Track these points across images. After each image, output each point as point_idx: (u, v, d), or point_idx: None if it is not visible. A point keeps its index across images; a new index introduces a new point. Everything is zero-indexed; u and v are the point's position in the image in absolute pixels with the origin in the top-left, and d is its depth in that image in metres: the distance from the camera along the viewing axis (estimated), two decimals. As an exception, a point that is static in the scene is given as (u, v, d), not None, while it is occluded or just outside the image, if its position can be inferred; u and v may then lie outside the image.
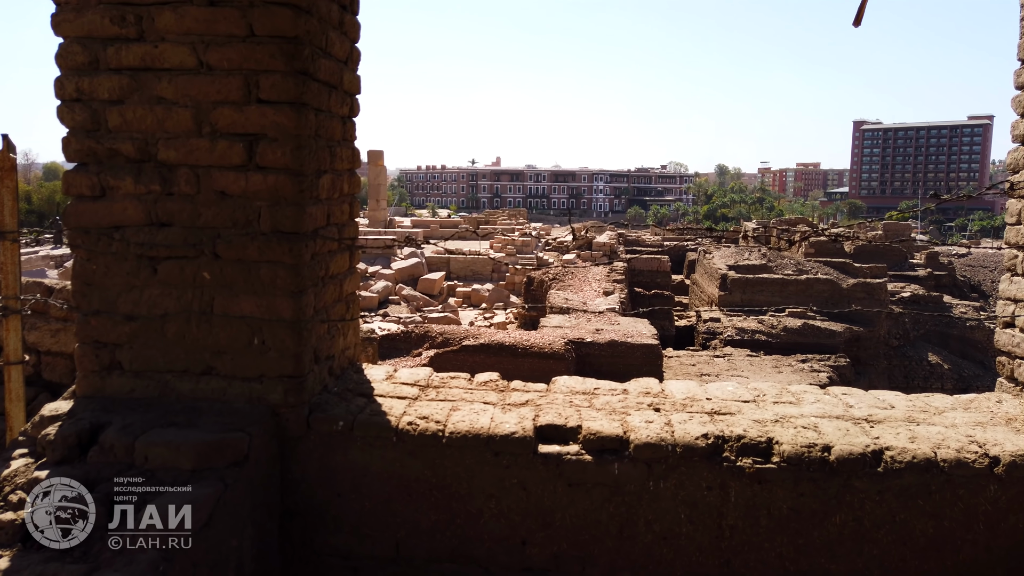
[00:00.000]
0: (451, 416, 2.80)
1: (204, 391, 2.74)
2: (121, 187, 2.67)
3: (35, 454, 2.55)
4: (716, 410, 2.88)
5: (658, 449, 2.59)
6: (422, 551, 2.73)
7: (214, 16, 2.57)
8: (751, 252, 21.97)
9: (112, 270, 2.70)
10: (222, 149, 2.63)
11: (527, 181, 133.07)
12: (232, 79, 2.60)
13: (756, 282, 18.84)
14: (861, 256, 24.47)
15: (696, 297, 21.79)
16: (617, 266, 18.44)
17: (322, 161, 2.87)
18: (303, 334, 2.74)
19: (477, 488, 2.68)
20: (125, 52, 2.61)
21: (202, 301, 2.70)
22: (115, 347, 2.74)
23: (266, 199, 2.65)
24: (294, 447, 2.75)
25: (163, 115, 2.63)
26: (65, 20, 2.63)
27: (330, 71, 2.90)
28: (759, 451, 2.62)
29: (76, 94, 2.65)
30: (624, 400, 2.99)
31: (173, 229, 2.68)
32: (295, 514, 2.76)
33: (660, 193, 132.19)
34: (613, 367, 9.86)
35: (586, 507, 2.64)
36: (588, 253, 23.15)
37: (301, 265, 2.71)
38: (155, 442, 2.45)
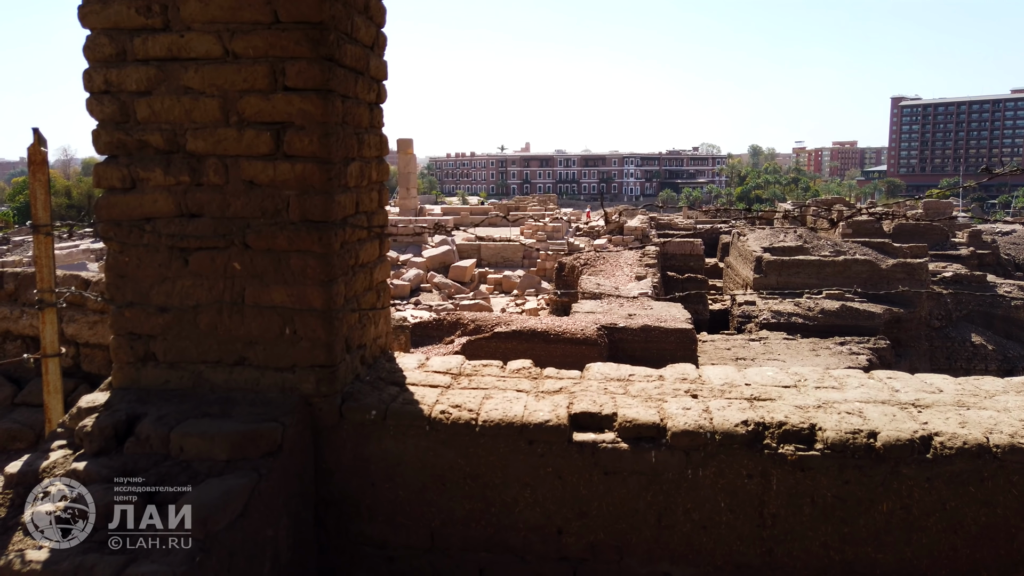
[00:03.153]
0: (484, 404, 2.77)
1: (237, 381, 2.74)
2: (151, 179, 2.67)
3: (73, 445, 2.57)
4: (756, 396, 2.80)
5: (696, 437, 2.53)
6: (457, 540, 2.70)
7: (239, 3, 2.54)
8: (786, 234, 21.57)
9: (144, 262, 2.71)
10: (250, 138, 2.61)
11: (556, 166, 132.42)
12: (258, 67, 2.58)
13: (792, 264, 18.50)
14: (901, 236, 23.89)
15: (730, 280, 21.49)
16: (649, 250, 18.27)
17: (350, 148, 2.84)
18: (334, 323, 2.72)
19: (511, 477, 2.65)
20: (151, 43, 2.60)
21: (233, 292, 2.70)
22: (149, 338, 2.75)
23: (294, 188, 2.63)
24: (327, 437, 2.74)
25: (190, 105, 2.62)
26: (92, 12, 2.62)
27: (356, 57, 2.86)
28: (801, 438, 2.54)
29: (104, 86, 2.65)
30: (660, 387, 2.92)
31: (203, 220, 2.67)
32: (330, 503, 2.76)
33: (692, 175, 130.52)
34: (646, 352, 9.76)
35: (623, 496, 2.59)
36: (620, 238, 22.95)
37: (331, 254, 2.68)
38: (190, 433, 2.45)
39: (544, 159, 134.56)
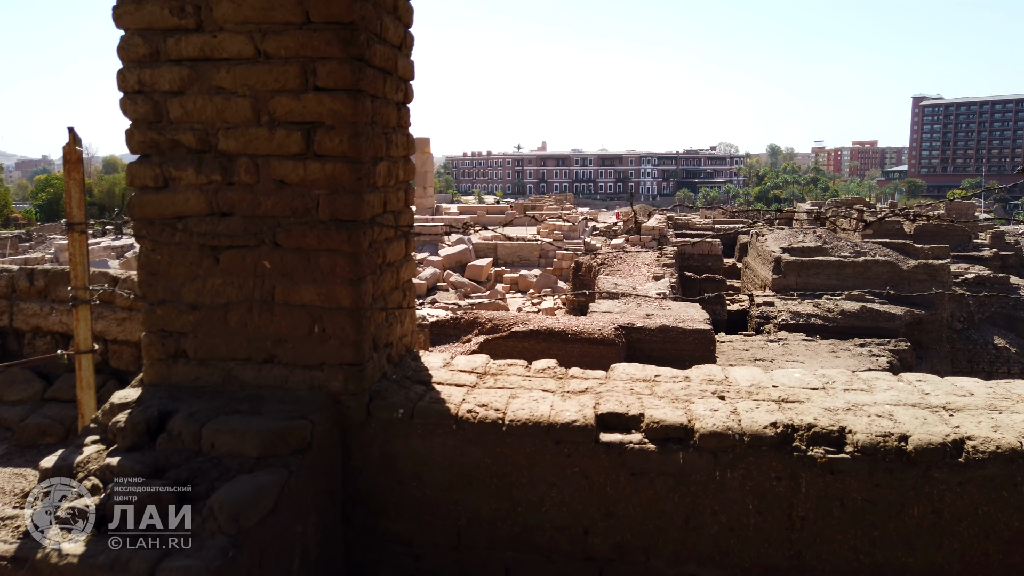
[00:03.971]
0: (510, 404, 2.77)
1: (266, 379, 2.77)
2: (183, 177, 2.70)
3: (106, 440, 2.61)
4: (784, 398, 2.79)
5: (725, 438, 2.52)
6: (483, 539, 2.71)
7: (271, 4, 2.56)
8: (806, 234, 21.41)
9: (176, 260, 2.74)
10: (280, 138, 2.64)
11: (573, 166, 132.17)
12: (289, 67, 2.60)
13: (811, 265, 18.36)
14: (922, 237, 23.64)
15: (749, 281, 21.35)
16: (667, 250, 18.20)
17: (378, 148, 2.85)
18: (362, 322, 2.74)
19: (538, 476, 2.65)
20: (184, 43, 2.63)
21: (263, 290, 2.72)
22: (180, 336, 2.78)
23: (324, 187, 2.65)
24: (355, 434, 2.75)
25: (222, 105, 2.64)
26: (126, 12, 2.65)
27: (385, 57, 2.88)
28: (831, 440, 2.52)
29: (138, 86, 2.68)
30: (687, 387, 2.91)
31: (234, 219, 2.70)
32: (357, 501, 2.78)
33: (710, 175, 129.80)
34: (664, 352, 9.72)
35: (650, 497, 2.59)
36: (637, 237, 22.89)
37: (359, 253, 2.70)
38: (221, 430, 2.48)
39: (561, 158, 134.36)
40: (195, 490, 2.32)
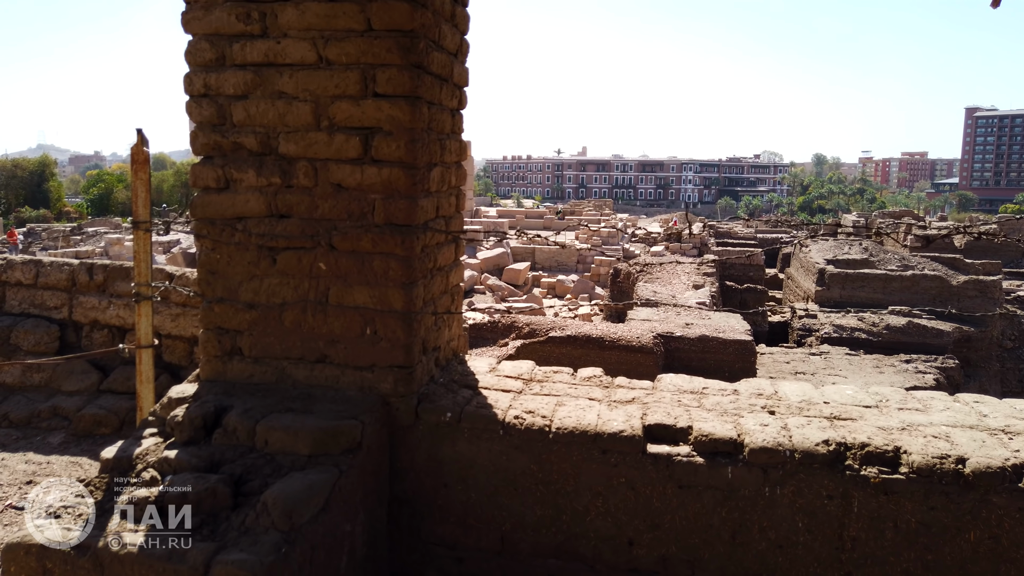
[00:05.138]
0: (557, 411, 2.78)
1: (318, 378, 2.82)
2: (244, 180, 2.76)
3: (164, 434, 2.68)
4: (836, 415, 2.74)
5: (775, 454, 2.49)
6: (527, 545, 2.72)
7: (334, 11, 2.62)
8: (851, 246, 20.98)
9: (235, 259, 2.80)
10: (339, 142, 2.68)
11: (613, 171, 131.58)
12: (350, 73, 2.65)
13: (857, 277, 17.97)
14: (973, 252, 22.98)
15: (791, 292, 21.01)
16: (707, 259, 18.00)
17: (433, 154, 2.89)
18: (413, 325, 2.77)
19: (584, 485, 2.65)
20: (250, 48, 2.70)
21: (318, 291, 2.78)
22: (236, 334, 2.85)
23: (380, 192, 2.69)
24: (403, 436, 2.79)
25: (284, 109, 2.70)
26: (194, 18, 2.73)
27: (442, 64, 2.91)
28: (885, 460, 2.47)
29: (204, 90, 2.76)
30: (735, 401, 2.88)
31: (292, 220, 2.75)
32: (403, 502, 2.81)
33: (752, 183, 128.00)
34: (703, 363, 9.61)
35: (696, 510, 2.57)
36: (677, 245, 22.69)
37: (412, 257, 2.73)
38: (275, 427, 2.53)
39: (601, 163, 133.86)
40: (249, 485, 2.37)
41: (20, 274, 5.57)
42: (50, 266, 5.53)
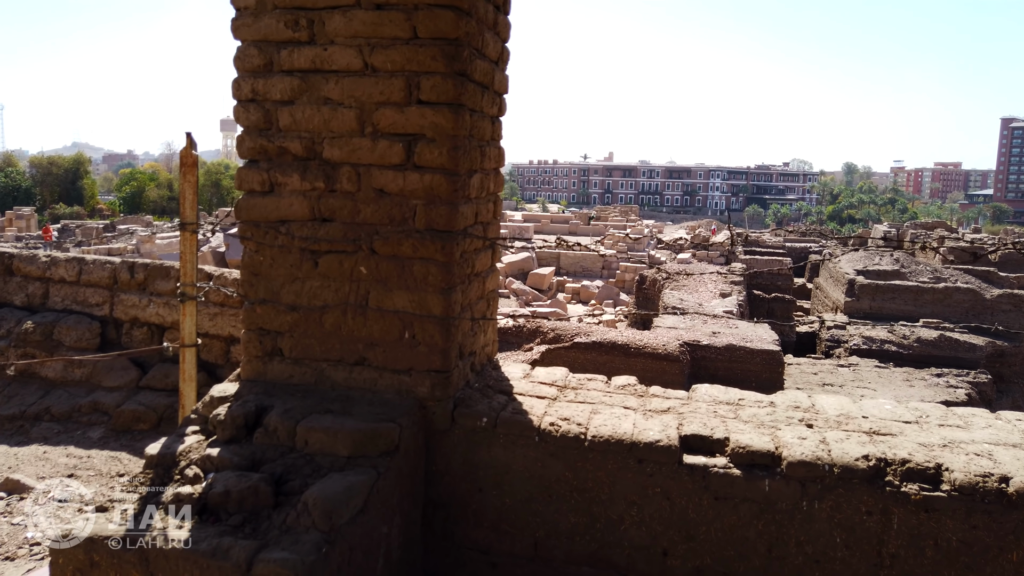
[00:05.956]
0: (592, 419, 2.78)
1: (356, 381, 2.85)
2: (288, 183, 2.81)
3: (206, 431, 2.73)
4: (875, 430, 2.72)
5: (814, 468, 2.47)
6: (560, 552, 2.73)
7: (380, 19, 2.65)
8: (882, 257, 20.69)
9: (278, 262, 2.85)
10: (382, 148, 2.72)
11: (640, 177, 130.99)
12: (394, 80, 2.68)
13: (887, 289, 17.73)
14: (1008, 264, 22.53)
15: (819, 302, 20.77)
16: (735, 267, 17.86)
17: (473, 161, 2.91)
18: (451, 330, 2.80)
19: (618, 494, 2.65)
20: (297, 55, 2.74)
21: (358, 294, 2.81)
22: (277, 335, 2.90)
23: (422, 198, 2.72)
24: (439, 440, 2.81)
25: (329, 115, 2.75)
26: (244, 24, 2.79)
27: (484, 72, 2.94)
28: (926, 477, 2.45)
29: (251, 95, 2.81)
30: (772, 413, 2.87)
31: (334, 225, 2.79)
32: (438, 506, 2.83)
33: (781, 191, 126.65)
34: (730, 372, 9.52)
35: (732, 522, 2.56)
36: (704, 253, 22.54)
37: (452, 263, 2.76)
38: (315, 428, 2.57)
39: (627, 169, 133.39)
40: (289, 485, 2.41)
41: (64, 271, 5.71)
42: (93, 264, 5.65)
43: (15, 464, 4.27)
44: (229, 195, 60.70)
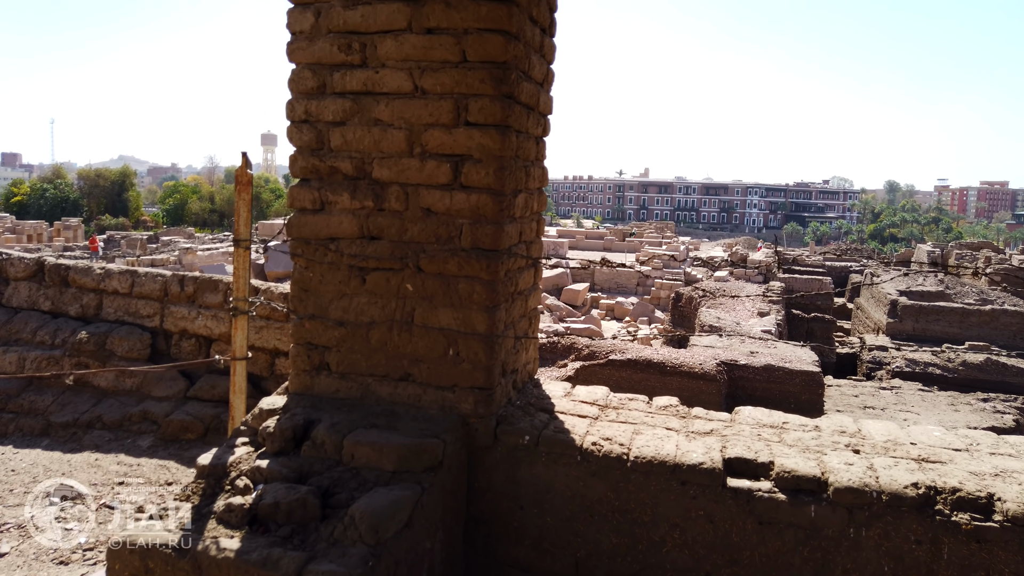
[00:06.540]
0: (635, 440, 2.78)
1: (401, 396, 2.90)
2: (339, 202, 2.88)
3: (255, 443, 2.80)
4: (924, 457, 2.67)
5: (861, 495, 2.44)
6: (601, 573, 2.72)
7: (431, 43, 2.72)
8: (926, 277, 20.25)
9: (327, 278, 2.92)
10: (430, 169, 2.78)
11: (676, 193, 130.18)
12: (443, 102, 2.74)
13: (931, 310, 17.33)
14: (1058, 287, 21.85)
15: (860, 323, 20.37)
16: (774, 286, 17.63)
17: (519, 181, 2.95)
18: (495, 347, 2.83)
19: (661, 516, 2.65)
20: (349, 77, 2.82)
21: (404, 311, 2.86)
22: (325, 349, 2.96)
23: (468, 217, 2.77)
24: (481, 457, 2.84)
25: (379, 136, 2.81)
26: (299, 48, 2.88)
27: (530, 94, 2.98)
28: (978, 507, 2.40)
29: (304, 116, 2.89)
30: (817, 438, 2.84)
31: (382, 243, 2.86)
32: (479, 522, 2.85)
33: (821, 209, 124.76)
34: (768, 393, 9.38)
35: (777, 548, 2.53)
36: (742, 271, 22.29)
37: (496, 281, 2.80)
38: (361, 442, 2.61)
39: (663, 185, 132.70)
40: (336, 498, 2.45)
41: (117, 283, 5.90)
42: (145, 277, 5.83)
43: (68, 470, 4.42)
44: (269, 208, 61.88)
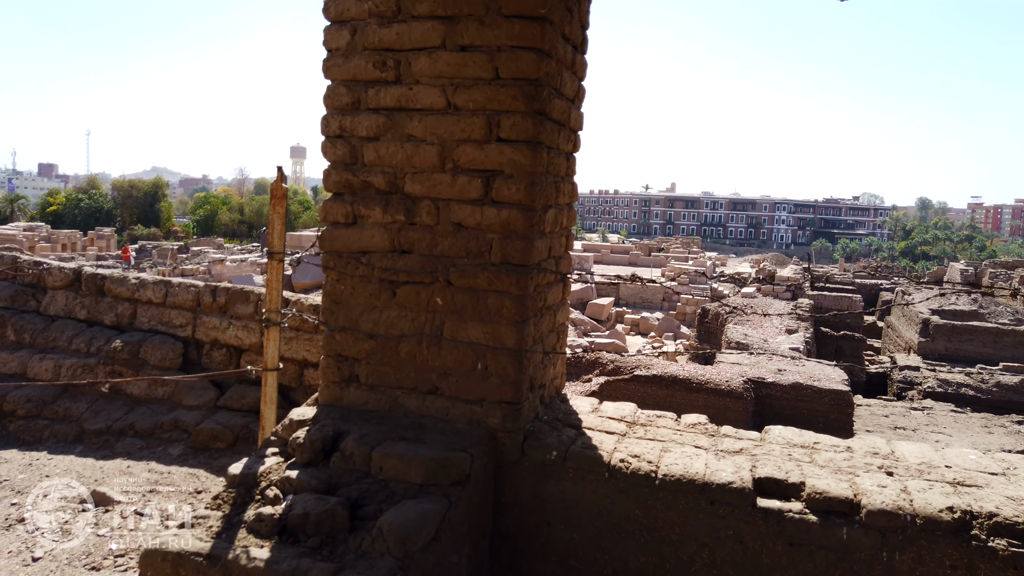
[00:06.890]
0: (663, 457, 2.77)
1: (429, 409, 2.91)
2: (371, 216, 2.92)
3: (284, 454, 2.83)
4: (959, 480, 2.62)
5: (895, 518, 2.40)
6: (628, 591, 2.70)
7: (464, 60, 2.75)
8: (959, 296, 19.90)
9: (358, 291, 2.95)
10: (462, 184, 2.80)
11: (702, 208, 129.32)
12: (476, 119, 2.77)
13: (964, 330, 16.99)
14: (1097, 308, 21.31)
15: (891, 342, 20.04)
16: (802, 303, 17.41)
17: (549, 196, 2.97)
18: (523, 362, 2.84)
19: (689, 535, 2.62)
20: (383, 94, 2.87)
21: (433, 325, 2.88)
22: (355, 361, 2.99)
23: (498, 232, 2.79)
24: (508, 472, 2.84)
25: (412, 151, 2.85)
26: (335, 65, 2.93)
27: (561, 110, 3.00)
28: (1016, 533, 2.34)
29: (339, 131, 2.94)
30: (850, 459, 2.80)
31: (412, 256, 2.88)
32: (505, 537, 2.85)
33: (850, 226, 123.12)
34: (796, 411, 9.25)
35: (808, 570, 2.49)
36: (770, 287, 22.06)
37: (525, 296, 2.81)
38: (390, 455, 2.63)
39: (690, 200, 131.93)
40: (364, 510, 2.47)
41: (151, 293, 6.01)
42: (178, 287, 5.94)
43: (101, 477, 4.49)
44: (297, 219, 62.63)
